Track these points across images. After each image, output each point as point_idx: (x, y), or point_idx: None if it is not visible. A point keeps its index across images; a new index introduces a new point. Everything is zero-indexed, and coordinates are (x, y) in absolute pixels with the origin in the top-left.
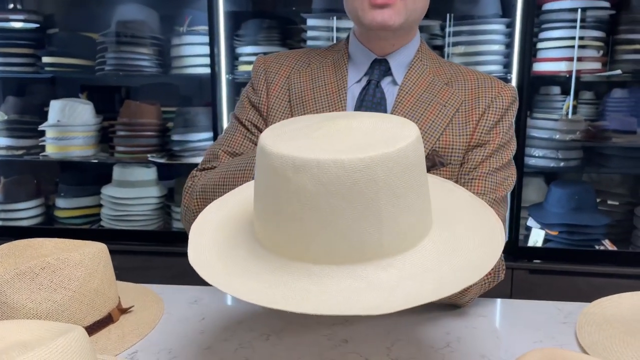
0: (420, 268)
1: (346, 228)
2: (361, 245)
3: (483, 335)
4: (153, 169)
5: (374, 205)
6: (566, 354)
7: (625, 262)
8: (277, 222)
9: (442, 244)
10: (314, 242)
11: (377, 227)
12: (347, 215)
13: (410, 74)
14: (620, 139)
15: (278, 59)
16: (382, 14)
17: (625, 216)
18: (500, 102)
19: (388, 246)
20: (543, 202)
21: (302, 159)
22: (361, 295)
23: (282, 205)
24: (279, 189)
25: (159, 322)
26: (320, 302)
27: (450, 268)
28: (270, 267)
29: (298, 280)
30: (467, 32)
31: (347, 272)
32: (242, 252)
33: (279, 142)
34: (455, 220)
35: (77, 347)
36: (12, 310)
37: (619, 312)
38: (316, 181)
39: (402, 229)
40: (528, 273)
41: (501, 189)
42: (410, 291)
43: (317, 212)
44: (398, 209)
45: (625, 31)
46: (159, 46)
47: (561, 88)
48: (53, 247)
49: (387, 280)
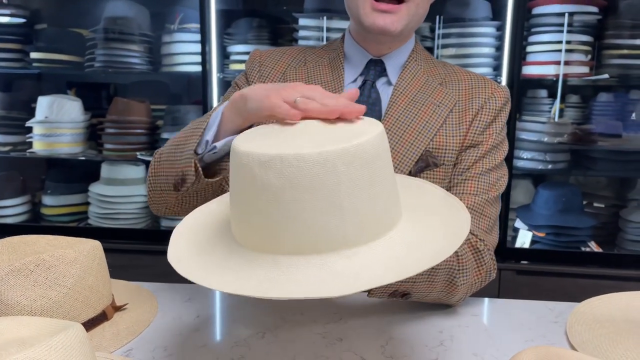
0: (383, 256)
1: (310, 220)
2: (326, 236)
3: (475, 334)
4: (142, 167)
5: (335, 197)
6: (560, 351)
7: (611, 264)
8: (248, 218)
9: (409, 234)
10: (281, 234)
11: (340, 218)
12: (310, 208)
13: (405, 74)
14: (607, 143)
15: (274, 54)
16: (384, 19)
17: (611, 218)
18: (493, 103)
19: (352, 236)
20: (531, 203)
21: (267, 154)
22: (326, 282)
23: (251, 200)
24: (248, 185)
25: (153, 320)
26: (287, 289)
27: (414, 257)
28: (243, 260)
29: (268, 271)
30: (457, 34)
31: (313, 262)
32: (219, 249)
33: (247, 142)
34: (424, 214)
35: (76, 343)
36: (6, 307)
37: (608, 312)
38: (280, 175)
39: (365, 220)
40: (515, 274)
41: (494, 189)
42: (372, 276)
43: (282, 206)
44: (360, 201)
45: (612, 36)
46: (149, 43)
47: (548, 91)
48: (46, 244)
49: (350, 268)
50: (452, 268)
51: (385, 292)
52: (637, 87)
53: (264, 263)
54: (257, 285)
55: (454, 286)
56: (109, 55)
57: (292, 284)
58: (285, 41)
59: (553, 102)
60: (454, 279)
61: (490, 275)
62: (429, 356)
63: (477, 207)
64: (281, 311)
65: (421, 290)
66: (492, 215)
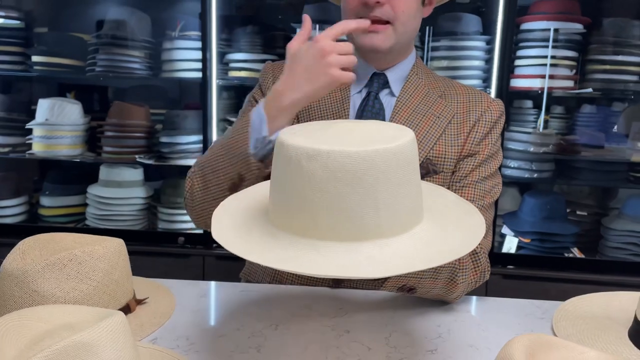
0: (412, 248)
1: (349, 210)
2: (361, 225)
3: (470, 327)
4: (140, 170)
5: (373, 191)
6: (550, 339)
7: (593, 270)
8: (290, 204)
9: (431, 231)
10: (321, 221)
11: (375, 211)
12: (350, 199)
13: (407, 87)
14: (590, 153)
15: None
16: (372, 39)
17: (593, 226)
18: (489, 115)
19: (385, 228)
20: (517, 210)
21: (315, 149)
22: (361, 265)
23: (295, 189)
24: (293, 175)
25: (173, 314)
26: (327, 269)
27: (435, 250)
28: (282, 243)
29: (306, 254)
30: (449, 47)
31: (349, 248)
32: (256, 232)
33: (295, 137)
34: (444, 214)
35: (121, 328)
36: (42, 298)
37: (590, 309)
38: (325, 168)
39: (397, 214)
40: (502, 278)
41: (489, 196)
42: (401, 264)
43: (325, 195)
44: (394, 197)
45: (596, 52)
46: (149, 49)
47: (534, 103)
48: (73, 241)
49: (382, 255)
50: (454, 267)
51: (395, 286)
52: (619, 99)
53: (303, 247)
54: (299, 264)
55: (455, 284)
56: (110, 60)
57: (330, 265)
58: (283, 50)
59: (539, 113)
60: (455, 277)
61: (485, 276)
62: (429, 347)
63: None
64: (290, 306)
65: (426, 285)
66: (487, 221)
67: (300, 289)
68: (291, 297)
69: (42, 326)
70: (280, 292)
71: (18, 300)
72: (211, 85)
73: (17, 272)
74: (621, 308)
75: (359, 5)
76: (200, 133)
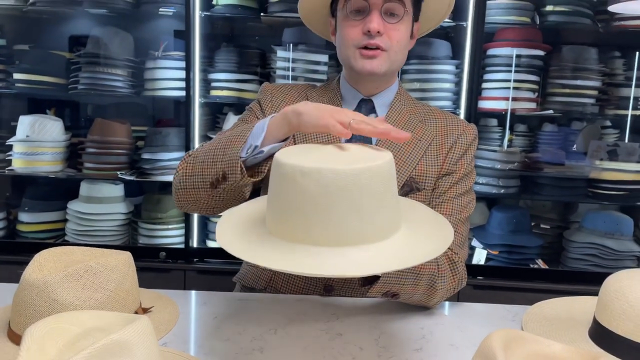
0: (390, 252)
1: (337, 219)
2: (347, 233)
3: (450, 329)
4: (120, 186)
5: (358, 204)
6: (523, 334)
7: (556, 280)
8: (286, 215)
9: (407, 238)
10: (313, 229)
11: (359, 220)
12: (338, 210)
13: (391, 112)
14: (552, 170)
15: (282, 89)
16: (371, 64)
17: (556, 238)
18: (464, 138)
19: (368, 235)
20: (486, 224)
21: (308, 167)
22: (347, 267)
23: (290, 201)
24: (288, 189)
25: (177, 321)
26: (319, 269)
27: (410, 254)
28: (279, 248)
29: (300, 257)
30: (421, 70)
31: (337, 252)
32: (254, 238)
33: (290, 156)
34: (419, 225)
35: (148, 329)
36: (61, 307)
37: (555, 312)
38: (317, 183)
39: (378, 224)
40: (472, 288)
41: (465, 210)
42: (380, 264)
43: (316, 207)
44: (375, 208)
45: (556, 76)
46: (132, 68)
47: (500, 123)
48: (82, 254)
49: (365, 258)
50: (433, 274)
51: (380, 292)
52: (578, 119)
53: (298, 251)
54: (294, 265)
55: (434, 290)
56: (93, 78)
57: (321, 266)
58: (263, 70)
59: (504, 132)
60: (434, 284)
61: (462, 283)
62: (415, 346)
63: (452, 225)
64: (287, 313)
65: (408, 291)
66: (464, 233)
67: (295, 297)
68: (287, 305)
69: (75, 329)
70: (277, 300)
71: (39, 308)
72: (194, 104)
73: (38, 282)
74: (582, 311)
75: (360, 35)
76: (181, 150)
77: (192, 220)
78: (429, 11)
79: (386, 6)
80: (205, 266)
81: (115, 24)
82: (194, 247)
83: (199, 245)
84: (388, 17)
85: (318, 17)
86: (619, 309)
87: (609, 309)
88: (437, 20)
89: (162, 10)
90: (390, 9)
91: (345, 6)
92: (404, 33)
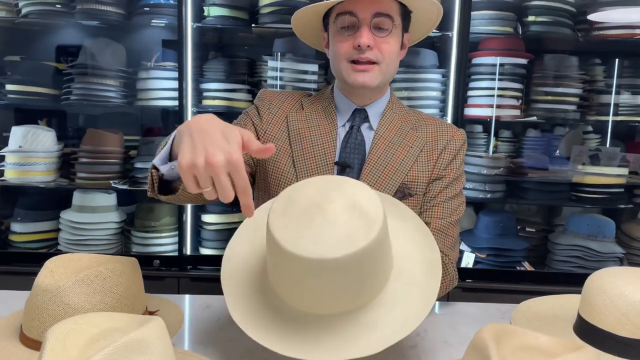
0: (389, 306)
1: (340, 294)
2: (346, 303)
3: (443, 327)
4: (113, 195)
5: (359, 278)
6: (514, 328)
7: (542, 281)
8: (293, 289)
9: (402, 280)
10: (321, 301)
11: (361, 288)
12: (340, 287)
13: (383, 121)
14: (536, 174)
15: (279, 96)
16: (363, 77)
17: (541, 241)
18: (453, 144)
19: (369, 295)
20: (473, 228)
21: (309, 260)
22: (356, 337)
23: (296, 280)
24: (281, 264)
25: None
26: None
27: (410, 305)
28: (296, 321)
29: (317, 328)
30: (408, 79)
31: (345, 319)
32: (268, 308)
33: (285, 232)
34: (404, 256)
35: (164, 329)
36: (73, 311)
37: (541, 310)
38: (318, 277)
39: (376, 282)
40: (462, 291)
41: (455, 213)
42: (385, 332)
43: (304, 285)
44: (375, 277)
45: (539, 84)
46: (125, 78)
47: (484, 129)
48: (89, 260)
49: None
50: None
51: None
52: (560, 125)
53: (307, 320)
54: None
55: None
56: (85, 88)
57: (334, 343)
58: (253, 79)
59: (490, 138)
60: None
61: (453, 283)
62: (410, 343)
63: (443, 228)
64: None
65: None
66: (454, 235)
67: None
68: None
69: (93, 330)
70: None
71: (52, 313)
72: (187, 113)
73: (51, 287)
74: (567, 308)
75: (351, 49)
76: None
77: (185, 228)
78: (418, 21)
79: (375, 21)
80: (198, 273)
81: (107, 35)
82: (187, 254)
83: (192, 253)
84: (377, 31)
85: (310, 30)
86: (601, 305)
87: (592, 305)
88: (426, 29)
89: (154, 22)
90: (379, 23)
91: (335, 22)
92: (394, 45)
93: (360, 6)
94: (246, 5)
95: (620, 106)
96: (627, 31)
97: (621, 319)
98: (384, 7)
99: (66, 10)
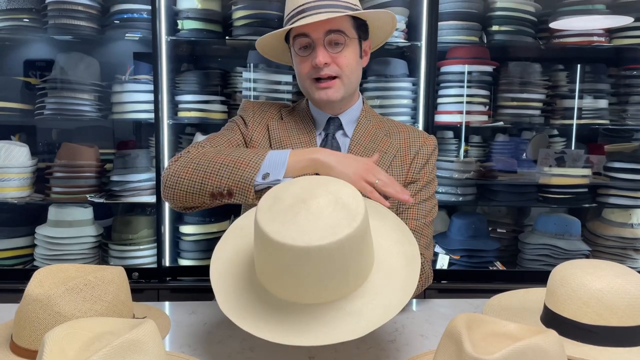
0: (372, 294)
1: (327, 282)
2: (335, 292)
3: (420, 322)
4: (89, 209)
5: (344, 266)
6: (483, 317)
7: (513, 280)
8: (278, 279)
9: (383, 271)
10: (304, 290)
11: (345, 277)
12: (326, 275)
13: (358, 129)
14: (505, 177)
15: (261, 107)
16: (327, 93)
17: (512, 241)
18: (425, 150)
19: (353, 285)
20: (447, 231)
21: (296, 247)
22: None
23: (282, 269)
24: (279, 262)
25: (170, 328)
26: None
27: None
28: (278, 308)
29: (298, 315)
30: (380, 88)
31: (332, 306)
32: (250, 296)
33: (274, 225)
34: (386, 252)
35: (156, 331)
36: (64, 319)
37: (511, 303)
38: (306, 263)
39: (359, 272)
40: (437, 292)
41: (429, 215)
42: (368, 318)
43: (290, 273)
44: (358, 264)
45: (505, 90)
46: (99, 92)
47: (454, 134)
48: (75, 270)
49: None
50: None
51: None
52: (527, 129)
53: (294, 309)
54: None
55: None
56: (59, 103)
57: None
58: (228, 90)
59: (460, 144)
60: None
61: (428, 280)
62: (389, 338)
63: (418, 229)
64: None
65: None
66: (429, 235)
67: None
68: None
69: (88, 334)
70: None
71: (43, 321)
72: (163, 125)
73: (41, 297)
74: (535, 300)
75: (311, 68)
76: (150, 171)
77: (163, 240)
78: (375, 27)
79: (328, 38)
80: (178, 284)
81: (81, 49)
82: (166, 266)
83: (171, 264)
84: (332, 47)
85: (276, 51)
86: (564, 294)
87: (556, 295)
88: (386, 34)
89: (128, 36)
90: (332, 39)
91: (294, 44)
92: (350, 57)
93: (312, 27)
94: (220, 19)
95: (584, 110)
96: (585, 38)
97: (582, 307)
98: (335, 24)
99: (38, 26)
